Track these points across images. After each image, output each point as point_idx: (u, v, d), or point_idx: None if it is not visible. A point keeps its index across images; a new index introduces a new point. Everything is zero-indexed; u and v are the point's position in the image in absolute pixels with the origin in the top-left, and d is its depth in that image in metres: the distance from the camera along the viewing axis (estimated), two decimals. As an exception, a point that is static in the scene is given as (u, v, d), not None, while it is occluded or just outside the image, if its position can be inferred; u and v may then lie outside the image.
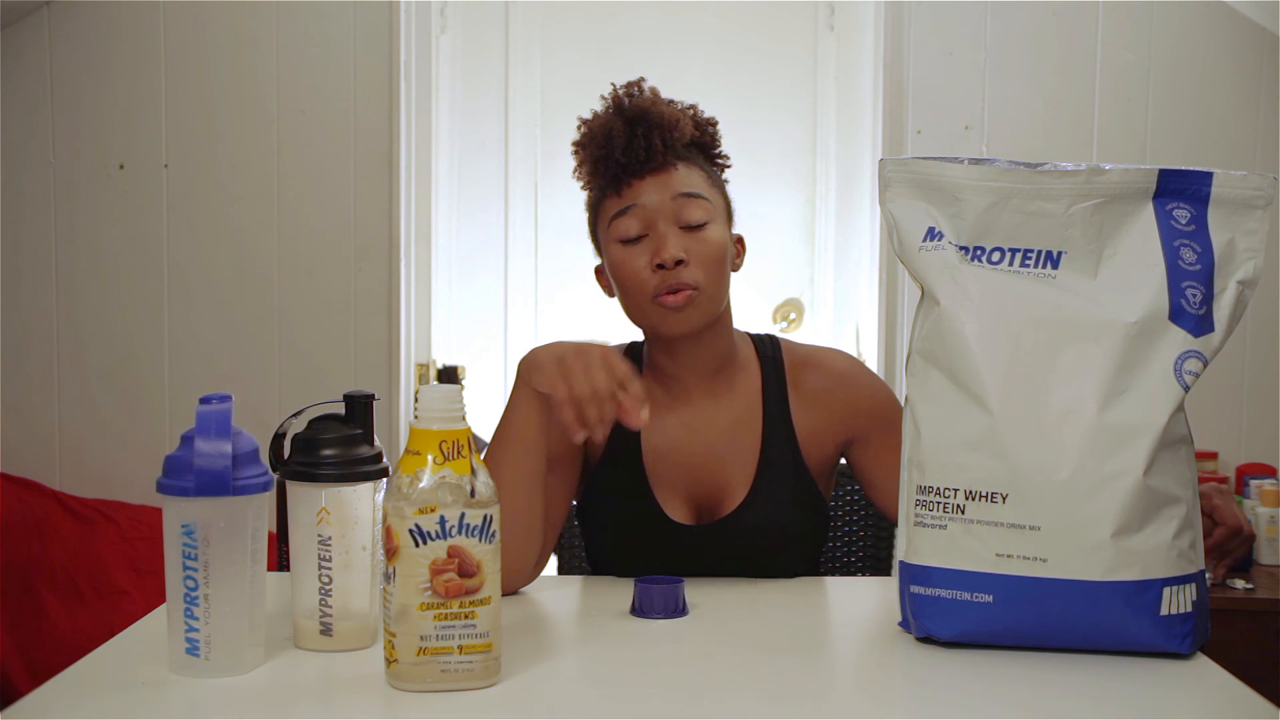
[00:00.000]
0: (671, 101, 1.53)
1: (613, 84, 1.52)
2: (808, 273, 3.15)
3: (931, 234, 1.21)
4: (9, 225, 2.93)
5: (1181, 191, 1.18)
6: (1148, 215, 1.18)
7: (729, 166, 1.59)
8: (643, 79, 1.53)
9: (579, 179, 1.55)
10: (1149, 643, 1.13)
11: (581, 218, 1.57)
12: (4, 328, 2.94)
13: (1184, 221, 1.18)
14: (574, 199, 1.61)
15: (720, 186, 1.54)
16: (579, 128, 1.53)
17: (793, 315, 3.12)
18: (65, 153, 2.93)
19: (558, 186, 3.10)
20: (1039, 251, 1.18)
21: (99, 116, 2.92)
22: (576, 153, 1.53)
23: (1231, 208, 1.18)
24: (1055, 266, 1.18)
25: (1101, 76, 2.87)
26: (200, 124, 2.91)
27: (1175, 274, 1.16)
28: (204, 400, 1.07)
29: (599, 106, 1.52)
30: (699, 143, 1.55)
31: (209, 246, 2.93)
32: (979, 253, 1.20)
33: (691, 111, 1.54)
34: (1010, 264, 1.19)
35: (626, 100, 1.50)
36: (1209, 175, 1.18)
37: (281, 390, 2.91)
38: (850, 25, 3.10)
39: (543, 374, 1.33)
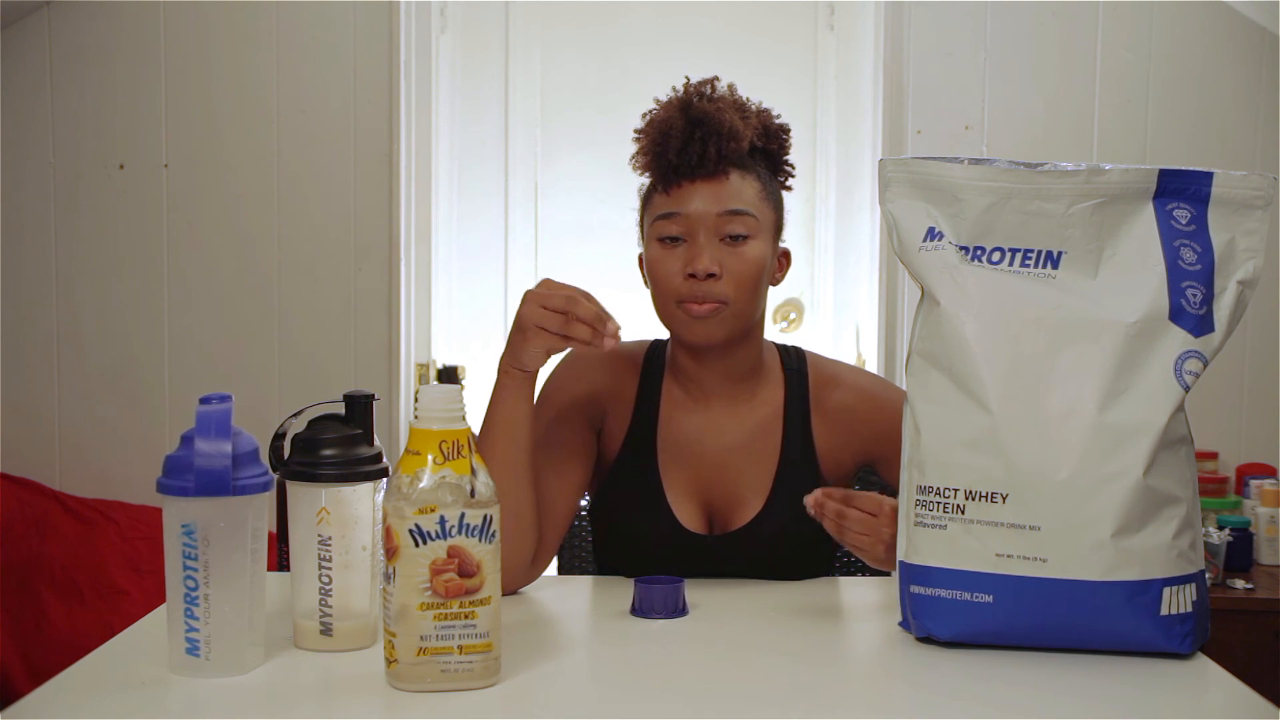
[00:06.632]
0: (745, 105, 1.50)
1: (687, 78, 1.50)
2: (808, 273, 3.14)
3: (931, 234, 1.21)
4: (9, 225, 2.93)
5: (1181, 191, 1.18)
6: (1148, 215, 1.18)
7: (793, 175, 1.56)
8: (717, 78, 1.50)
9: (635, 166, 1.51)
10: (1149, 643, 1.13)
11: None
12: (4, 328, 2.94)
13: (1184, 221, 1.18)
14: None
15: (773, 199, 1.51)
16: (645, 114, 1.49)
17: (793, 315, 3.12)
18: (65, 153, 2.93)
19: (558, 186, 3.09)
20: (1039, 251, 1.18)
21: (99, 116, 2.92)
22: (637, 139, 1.50)
23: (1231, 208, 1.18)
24: (1055, 266, 1.18)
25: (1101, 76, 2.87)
26: (200, 124, 2.91)
27: (1175, 274, 1.16)
28: (204, 400, 1.07)
29: (670, 94, 1.49)
30: (765, 149, 1.52)
31: (209, 246, 2.93)
32: (979, 253, 1.20)
33: (762, 118, 1.51)
34: (1010, 264, 1.19)
35: (695, 100, 1.47)
36: (1209, 175, 1.18)
37: (281, 390, 2.91)
38: (850, 25, 3.09)
39: (536, 331, 1.31)
